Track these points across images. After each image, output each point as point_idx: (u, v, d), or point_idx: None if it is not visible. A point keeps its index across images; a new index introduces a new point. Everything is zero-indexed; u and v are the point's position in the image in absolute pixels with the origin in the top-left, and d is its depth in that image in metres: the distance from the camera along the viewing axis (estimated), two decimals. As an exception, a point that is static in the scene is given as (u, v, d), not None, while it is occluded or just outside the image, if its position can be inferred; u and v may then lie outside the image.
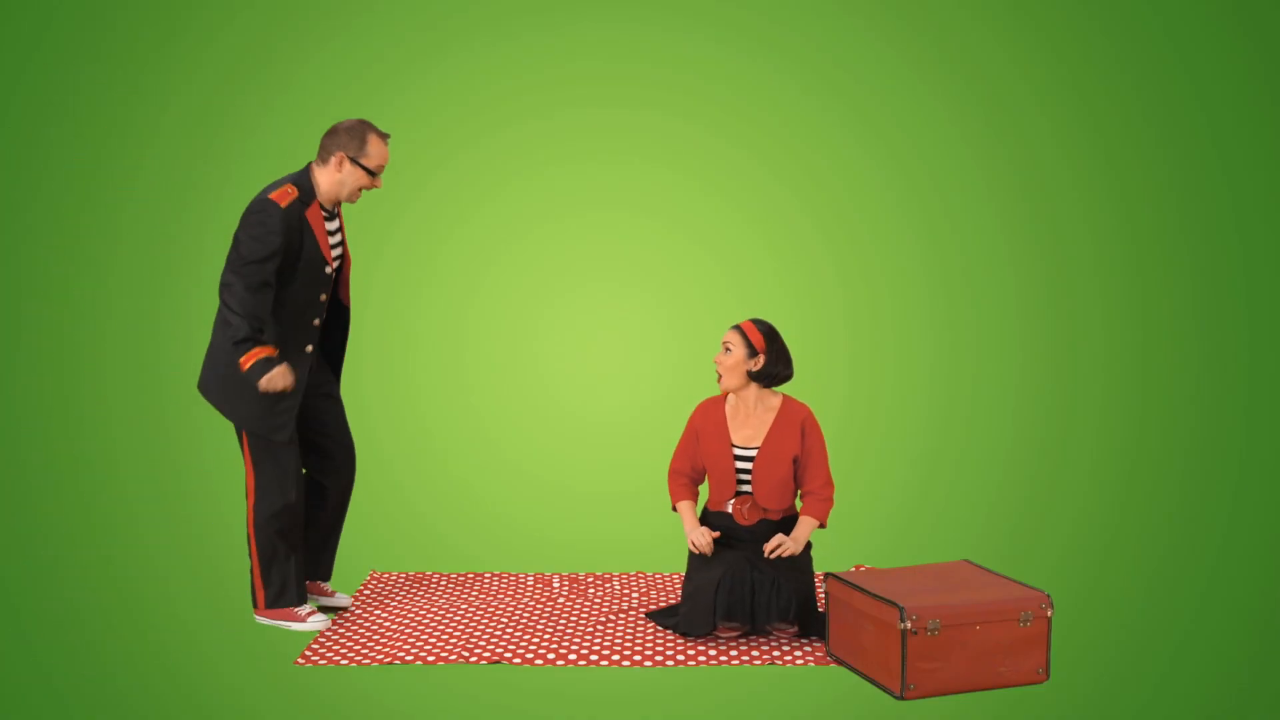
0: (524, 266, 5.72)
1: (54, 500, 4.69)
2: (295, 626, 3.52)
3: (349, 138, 3.39)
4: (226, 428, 4.97)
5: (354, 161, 3.39)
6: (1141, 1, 5.41)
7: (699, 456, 3.61)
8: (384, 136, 3.45)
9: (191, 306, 5.20)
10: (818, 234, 5.70)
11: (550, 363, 5.72)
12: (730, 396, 3.61)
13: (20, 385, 5.10)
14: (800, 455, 3.52)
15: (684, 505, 3.62)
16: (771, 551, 3.38)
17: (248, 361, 3.28)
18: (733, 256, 5.71)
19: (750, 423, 3.55)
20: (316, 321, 3.48)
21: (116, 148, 5.25)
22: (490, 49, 5.56)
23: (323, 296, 3.47)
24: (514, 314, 5.71)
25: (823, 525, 3.54)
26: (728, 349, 3.51)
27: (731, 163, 5.67)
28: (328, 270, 3.45)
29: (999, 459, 5.22)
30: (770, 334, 3.52)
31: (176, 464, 5.03)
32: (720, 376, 3.53)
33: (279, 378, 3.29)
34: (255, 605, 3.57)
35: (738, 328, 3.53)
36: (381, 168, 3.46)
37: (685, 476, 3.65)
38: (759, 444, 3.52)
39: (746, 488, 3.54)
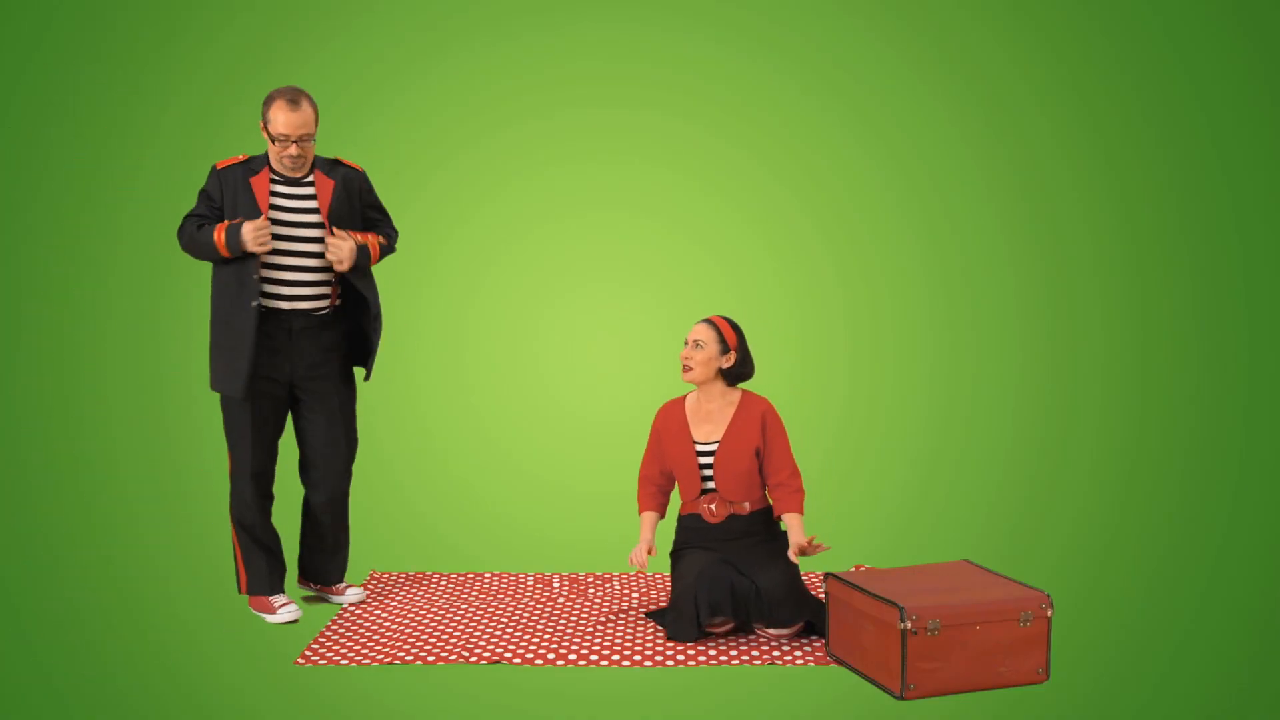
0: (524, 266, 5.73)
1: (54, 500, 4.69)
2: (266, 618, 3.60)
3: (264, 106, 3.51)
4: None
5: (265, 130, 3.49)
6: (1141, 1, 5.41)
7: (664, 459, 3.62)
8: (292, 104, 3.44)
9: (191, 306, 5.20)
10: (818, 234, 5.70)
11: (550, 363, 5.73)
12: (690, 396, 3.62)
13: (20, 385, 5.10)
14: (763, 447, 3.51)
15: (645, 517, 3.63)
16: (795, 555, 3.33)
17: (219, 235, 3.42)
18: (733, 256, 5.71)
19: (711, 419, 3.56)
20: (256, 277, 3.46)
21: (116, 148, 5.25)
22: (490, 49, 5.57)
23: (267, 249, 3.49)
24: (514, 314, 5.71)
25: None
26: (698, 344, 3.49)
27: (731, 163, 5.68)
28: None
29: (999, 459, 5.22)
30: (740, 331, 3.54)
31: (176, 464, 5.03)
32: (688, 370, 3.50)
33: (250, 230, 3.39)
34: (238, 587, 3.69)
35: (710, 322, 3.52)
36: (285, 136, 3.45)
37: (654, 484, 3.67)
38: (719, 438, 3.52)
39: (710, 484, 3.54)
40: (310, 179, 3.57)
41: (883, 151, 5.65)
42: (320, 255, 3.56)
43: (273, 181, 3.52)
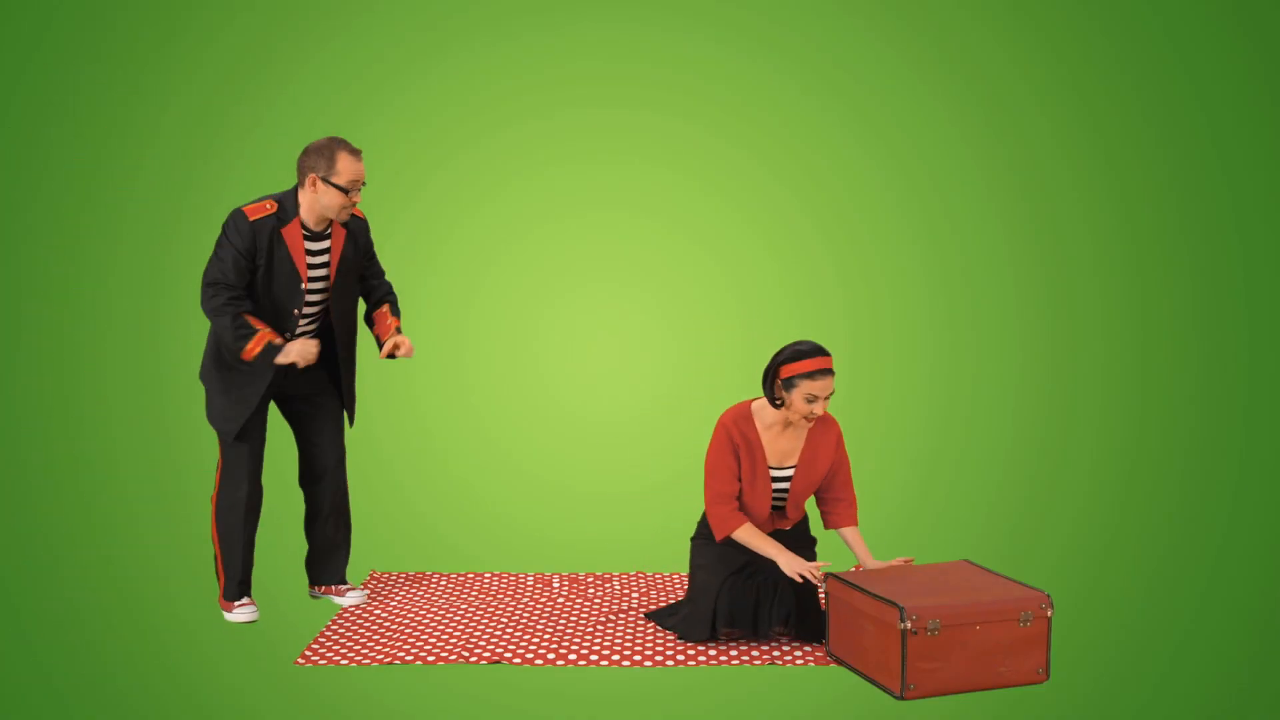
0: (524, 266, 5.72)
1: (54, 500, 4.69)
2: (225, 615, 3.62)
3: (318, 158, 3.38)
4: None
5: (325, 181, 3.37)
6: (1141, 1, 5.40)
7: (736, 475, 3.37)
8: (355, 153, 3.41)
9: (191, 306, 5.19)
10: (818, 234, 5.70)
11: (550, 363, 5.72)
12: (757, 410, 3.40)
13: (20, 385, 5.10)
14: (833, 468, 3.47)
15: (748, 530, 3.29)
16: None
17: (254, 349, 3.38)
18: (733, 256, 5.71)
19: (784, 438, 3.39)
20: (287, 334, 3.51)
21: (116, 148, 5.25)
22: (490, 49, 5.56)
23: (296, 310, 3.50)
24: (514, 314, 5.71)
25: None
26: (830, 392, 3.25)
27: (731, 163, 5.67)
28: (303, 286, 3.47)
29: (999, 459, 5.22)
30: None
31: (176, 464, 5.02)
32: (817, 415, 3.28)
33: (296, 352, 3.39)
34: (220, 594, 3.67)
35: (830, 371, 3.23)
36: (356, 183, 3.41)
37: (735, 502, 3.34)
38: (794, 462, 3.42)
39: (780, 506, 3.49)
40: (329, 232, 3.54)
41: (883, 151, 5.64)
42: (323, 303, 3.59)
43: (304, 238, 3.48)
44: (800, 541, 3.54)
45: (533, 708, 2.93)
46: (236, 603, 3.61)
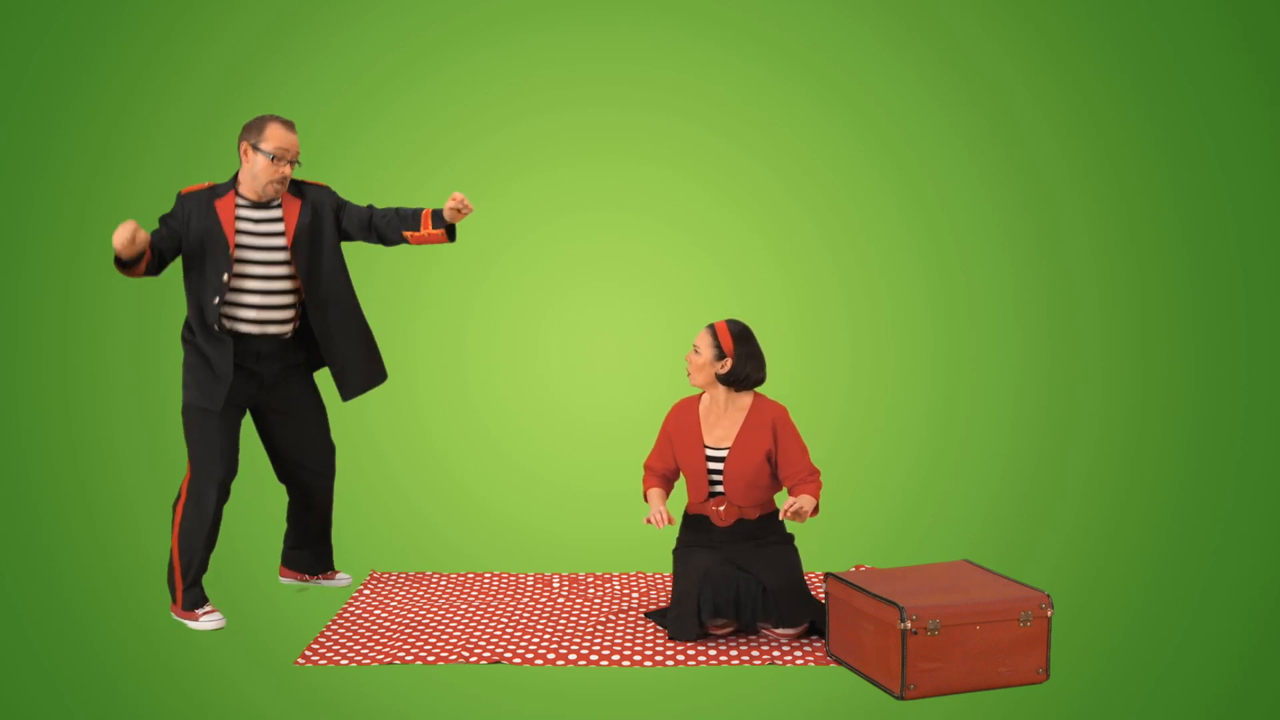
0: (524, 266, 5.73)
1: (54, 500, 4.69)
2: (189, 624, 3.56)
3: (251, 129, 3.51)
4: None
5: (254, 148, 3.48)
6: (1141, 2, 5.41)
7: (672, 457, 3.62)
8: (286, 124, 3.52)
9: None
10: (818, 234, 5.70)
11: (550, 363, 5.72)
12: (704, 396, 3.60)
13: (20, 386, 5.10)
14: (775, 452, 3.49)
15: (653, 492, 3.61)
16: (788, 512, 3.31)
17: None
18: (733, 256, 5.71)
19: (722, 423, 3.53)
20: (216, 300, 3.49)
21: (116, 148, 5.25)
22: (490, 49, 5.57)
23: (225, 277, 3.48)
24: (514, 314, 5.71)
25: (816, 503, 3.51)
26: (696, 350, 3.50)
27: (731, 163, 5.68)
28: (230, 253, 3.48)
29: (999, 459, 5.22)
30: (741, 336, 3.49)
31: (177, 464, 5.02)
32: (689, 375, 3.53)
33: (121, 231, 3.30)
34: (173, 601, 3.61)
35: (710, 328, 3.52)
36: (283, 150, 3.49)
37: (657, 474, 3.65)
38: (730, 444, 3.50)
39: (719, 488, 3.52)
40: (278, 203, 3.59)
41: (883, 151, 5.64)
42: (287, 280, 3.57)
43: (239, 206, 3.54)
44: (769, 535, 3.54)
45: (533, 708, 2.93)
46: (200, 610, 3.56)
